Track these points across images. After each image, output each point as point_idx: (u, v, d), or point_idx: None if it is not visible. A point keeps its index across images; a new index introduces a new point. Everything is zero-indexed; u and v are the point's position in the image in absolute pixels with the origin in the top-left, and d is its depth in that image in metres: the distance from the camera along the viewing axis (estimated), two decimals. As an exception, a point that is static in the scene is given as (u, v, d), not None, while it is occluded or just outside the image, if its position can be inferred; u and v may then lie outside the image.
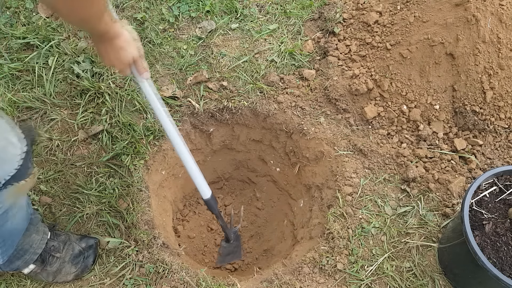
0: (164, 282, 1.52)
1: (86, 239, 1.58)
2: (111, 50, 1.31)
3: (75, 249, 1.54)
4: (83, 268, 1.53)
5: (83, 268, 1.53)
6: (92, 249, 1.56)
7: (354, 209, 1.66)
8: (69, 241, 1.55)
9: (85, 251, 1.54)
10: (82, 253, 1.54)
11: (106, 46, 1.30)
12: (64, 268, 1.51)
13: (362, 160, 1.78)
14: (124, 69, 1.37)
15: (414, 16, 1.86)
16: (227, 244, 1.81)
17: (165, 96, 1.92)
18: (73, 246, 1.55)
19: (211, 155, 2.15)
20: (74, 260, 1.52)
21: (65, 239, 1.55)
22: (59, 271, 1.51)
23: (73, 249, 1.54)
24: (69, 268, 1.52)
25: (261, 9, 2.22)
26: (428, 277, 1.54)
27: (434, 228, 1.62)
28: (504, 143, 1.80)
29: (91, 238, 1.59)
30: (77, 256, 1.53)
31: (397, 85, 1.84)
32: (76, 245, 1.55)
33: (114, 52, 1.31)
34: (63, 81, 1.94)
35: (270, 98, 1.95)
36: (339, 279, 1.52)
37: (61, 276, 1.51)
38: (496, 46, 1.72)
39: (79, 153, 1.80)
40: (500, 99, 1.75)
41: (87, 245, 1.56)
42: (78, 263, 1.53)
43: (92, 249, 1.56)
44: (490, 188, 1.46)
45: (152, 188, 1.79)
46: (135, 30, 2.10)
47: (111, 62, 1.35)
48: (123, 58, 1.32)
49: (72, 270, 1.52)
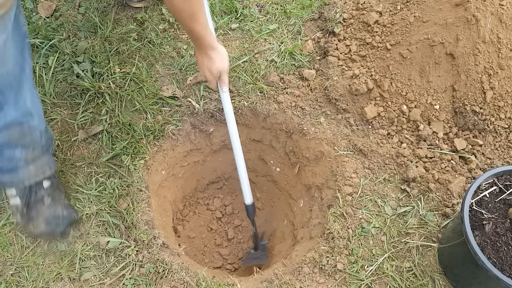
0: (164, 282, 1.52)
1: (70, 210, 1.58)
2: (207, 60, 1.57)
3: (56, 211, 1.53)
4: (50, 233, 1.52)
5: (50, 232, 1.52)
6: (68, 220, 1.56)
7: (354, 209, 1.66)
8: (56, 202, 1.55)
9: (62, 218, 1.54)
10: (59, 219, 1.53)
11: (203, 56, 1.56)
12: (37, 221, 1.50)
13: (362, 160, 1.78)
14: (213, 80, 1.63)
15: (414, 16, 1.86)
16: (255, 252, 2.00)
17: (165, 96, 1.93)
18: (56, 208, 1.54)
19: (211, 155, 2.15)
20: (50, 219, 1.51)
21: (54, 197, 1.56)
22: (32, 220, 1.50)
23: (55, 210, 1.53)
24: (41, 223, 1.50)
25: (261, 9, 2.22)
26: (428, 277, 1.54)
27: (434, 228, 1.62)
28: (504, 143, 1.80)
29: (74, 212, 1.60)
30: (55, 217, 1.52)
31: (397, 85, 1.84)
32: (61, 208, 1.55)
33: (208, 63, 1.57)
34: (63, 81, 1.94)
35: (270, 98, 1.95)
36: (339, 279, 1.52)
37: (30, 226, 1.51)
38: (496, 46, 1.72)
39: (79, 153, 1.80)
40: (500, 99, 1.75)
41: (67, 215, 1.55)
42: (50, 225, 1.51)
43: (69, 221, 1.56)
44: (490, 188, 1.46)
45: (152, 188, 1.79)
46: (135, 30, 2.10)
47: (204, 73, 1.63)
48: (214, 70, 1.59)
49: (41, 226, 1.50)
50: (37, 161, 1.50)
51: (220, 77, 1.63)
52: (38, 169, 1.51)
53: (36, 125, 1.46)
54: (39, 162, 1.51)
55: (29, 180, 1.49)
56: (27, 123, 1.42)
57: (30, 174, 1.49)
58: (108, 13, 2.16)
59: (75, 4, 2.20)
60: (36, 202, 1.51)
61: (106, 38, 2.06)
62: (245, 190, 1.81)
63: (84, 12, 2.16)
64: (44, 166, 1.53)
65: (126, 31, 2.09)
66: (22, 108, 1.38)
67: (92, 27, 2.10)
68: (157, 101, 1.92)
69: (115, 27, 2.12)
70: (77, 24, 2.11)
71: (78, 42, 2.03)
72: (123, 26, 2.12)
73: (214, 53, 1.56)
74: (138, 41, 2.08)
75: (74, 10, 2.18)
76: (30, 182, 1.50)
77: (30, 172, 1.49)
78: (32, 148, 1.47)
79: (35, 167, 1.50)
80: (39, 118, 1.48)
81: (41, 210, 1.51)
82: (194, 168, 2.13)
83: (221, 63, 1.59)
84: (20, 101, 1.37)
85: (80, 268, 1.55)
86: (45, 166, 1.54)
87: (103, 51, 2.02)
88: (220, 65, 1.59)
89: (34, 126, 1.45)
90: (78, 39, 2.06)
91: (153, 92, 1.93)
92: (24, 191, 1.51)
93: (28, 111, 1.41)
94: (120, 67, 1.99)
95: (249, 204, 1.84)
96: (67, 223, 1.55)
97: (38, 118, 1.47)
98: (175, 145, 1.93)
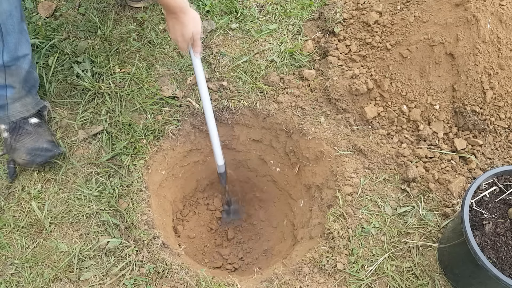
0: (164, 282, 1.52)
1: (52, 145, 1.73)
2: (177, 24, 1.55)
3: (37, 144, 1.71)
4: (30, 162, 1.70)
5: (31, 162, 1.70)
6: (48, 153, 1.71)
7: (354, 209, 1.66)
8: (39, 136, 1.73)
9: (43, 150, 1.70)
10: (39, 150, 1.70)
11: (174, 21, 1.54)
12: (20, 152, 1.70)
13: (362, 160, 1.78)
14: (184, 45, 1.60)
15: (414, 16, 1.86)
16: (228, 207, 2.19)
17: (165, 96, 1.93)
18: (38, 141, 1.72)
19: (211, 155, 2.15)
20: (31, 150, 1.69)
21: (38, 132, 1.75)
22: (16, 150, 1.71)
23: (37, 143, 1.71)
24: (23, 153, 1.70)
25: (261, 9, 2.22)
26: (428, 277, 1.54)
27: (434, 228, 1.62)
28: (504, 143, 1.80)
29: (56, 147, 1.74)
30: (36, 149, 1.70)
31: (397, 85, 1.84)
32: (42, 142, 1.72)
33: (180, 27, 1.55)
34: (63, 81, 1.94)
35: (270, 98, 1.95)
36: (339, 279, 1.52)
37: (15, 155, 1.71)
38: (496, 46, 1.72)
39: (79, 153, 1.80)
40: (500, 99, 1.75)
41: (49, 148, 1.72)
42: (30, 155, 1.69)
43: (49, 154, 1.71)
44: (490, 188, 1.46)
45: (152, 188, 1.79)
46: (135, 30, 2.10)
47: (176, 37, 1.59)
48: (186, 34, 1.56)
49: (23, 156, 1.69)
50: (22, 100, 1.73)
51: (194, 41, 1.60)
52: (23, 107, 1.74)
53: (24, 67, 1.65)
54: (24, 101, 1.73)
55: (14, 116, 1.73)
56: (15, 66, 1.61)
57: (16, 110, 1.72)
58: (108, 13, 2.16)
59: (75, 4, 2.20)
60: (21, 135, 1.73)
61: (106, 38, 2.06)
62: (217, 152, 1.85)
63: (84, 12, 2.16)
64: (28, 105, 1.75)
65: (126, 31, 2.09)
66: (11, 53, 1.56)
67: (92, 27, 2.10)
68: (157, 101, 1.92)
69: (115, 27, 2.12)
70: (77, 24, 2.11)
71: (78, 42, 2.03)
72: (123, 26, 2.12)
73: (186, 17, 1.53)
74: (138, 41, 2.08)
75: (74, 10, 2.18)
76: (16, 118, 1.73)
77: (16, 109, 1.72)
78: (19, 88, 1.68)
79: (21, 104, 1.73)
80: (26, 61, 1.65)
81: (24, 142, 1.72)
82: (194, 168, 2.13)
83: (194, 27, 1.56)
84: (8, 47, 1.54)
85: (80, 268, 1.55)
86: (29, 105, 1.75)
87: (103, 51, 2.02)
88: (194, 29, 1.56)
89: (22, 68, 1.64)
90: (78, 39, 2.06)
91: (153, 92, 1.93)
92: (11, 125, 1.74)
93: (16, 56, 1.59)
94: (120, 67, 1.99)
95: (221, 165, 1.91)
96: (48, 155, 1.72)
97: (25, 61, 1.65)
98: (175, 145, 1.93)
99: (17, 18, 1.53)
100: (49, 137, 1.77)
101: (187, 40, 1.58)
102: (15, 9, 1.50)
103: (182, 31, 1.56)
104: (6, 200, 1.69)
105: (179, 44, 1.61)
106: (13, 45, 1.56)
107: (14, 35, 1.54)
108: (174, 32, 1.58)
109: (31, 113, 1.76)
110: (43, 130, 1.78)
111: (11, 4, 1.47)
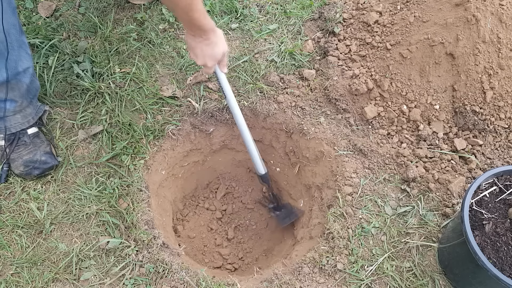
0: (164, 282, 1.52)
1: (49, 156, 1.71)
2: (207, 45, 1.47)
3: (35, 156, 1.69)
4: (27, 174, 1.69)
5: (27, 174, 1.69)
6: (45, 165, 1.69)
7: (354, 209, 1.66)
8: (36, 147, 1.72)
9: (39, 163, 1.69)
10: (36, 163, 1.68)
11: (204, 42, 1.46)
12: (17, 163, 1.69)
13: (362, 160, 1.78)
14: (213, 66, 1.54)
15: (414, 16, 1.86)
16: (280, 212, 2.06)
17: (165, 96, 1.92)
18: (35, 153, 1.70)
19: (211, 155, 2.15)
20: (28, 163, 1.68)
21: (35, 143, 1.73)
22: (12, 161, 1.70)
23: (34, 155, 1.70)
24: (20, 165, 1.69)
25: (261, 9, 2.22)
26: (428, 277, 1.54)
27: (434, 228, 1.62)
28: (504, 143, 1.80)
29: (53, 159, 1.72)
30: (32, 161, 1.68)
31: (397, 85, 1.84)
32: (39, 154, 1.70)
33: (210, 48, 1.47)
34: (63, 81, 1.94)
35: (270, 98, 1.95)
36: (339, 279, 1.52)
37: (11, 166, 1.71)
38: (496, 46, 1.72)
39: (79, 153, 1.80)
40: (500, 99, 1.75)
41: (45, 161, 1.70)
42: (27, 167, 1.68)
43: (46, 166, 1.70)
44: (490, 188, 1.46)
45: (152, 188, 1.79)
46: (135, 30, 2.10)
47: (204, 60, 1.51)
48: (216, 54, 1.49)
49: (20, 168, 1.69)
50: (23, 112, 1.71)
51: (222, 59, 1.55)
52: (24, 118, 1.72)
53: (24, 81, 1.63)
54: (25, 113, 1.72)
55: (15, 128, 1.71)
56: (15, 80, 1.59)
57: (16, 122, 1.71)
58: (108, 13, 2.16)
59: (75, 4, 2.20)
60: (18, 146, 1.72)
61: (106, 38, 2.06)
62: (257, 162, 1.81)
63: (84, 12, 2.16)
64: (29, 116, 1.74)
65: (126, 31, 2.09)
66: (11, 69, 1.54)
67: (92, 27, 2.10)
68: (157, 101, 1.92)
69: (115, 27, 2.12)
70: (77, 24, 2.11)
71: (78, 42, 2.03)
72: (123, 26, 2.12)
73: (216, 37, 1.47)
74: (138, 41, 2.08)
75: (74, 10, 2.18)
76: (16, 130, 1.72)
77: (16, 121, 1.71)
78: (21, 102, 1.67)
79: (22, 116, 1.71)
80: (27, 74, 1.63)
81: (21, 154, 1.71)
82: (194, 168, 2.13)
83: (224, 45, 1.51)
84: (9, 63, 1.53)
85: (80, 268, 1.55)
86: (29, 116, 1.74)
87: (103, 51, 2.02)
88: (224, 47, 1.51)
89: (23, 82, 1.62)
90: (78, 39, 2.06)
91: (153, 92, 1.93)
92: (9, 136, 1.72)
93: (17, 71, 1.57)
94: (120, 67, 1.99)
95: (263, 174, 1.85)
96: (45, 168, 1.70)
97: (25, 75, 1.62)
98: (175, 145, 1.93)
99: (15, 35, 1.50)
100: (46, 148, 1.75)
101: (217, 60, 1.52)
102: (13, 27, 1.47)
103: (213, 52, 1.48)
104: (6, 200, 1.69)
105: (207, 64, 1.52)
106: (13, 62, 1.54)
107: (13, 52, 1.52)
108: (202, 53, 1.49)
109: (31, 124, 1.75)
110: (41, 141, 1.76)
111: (9, 23, 1.45)
